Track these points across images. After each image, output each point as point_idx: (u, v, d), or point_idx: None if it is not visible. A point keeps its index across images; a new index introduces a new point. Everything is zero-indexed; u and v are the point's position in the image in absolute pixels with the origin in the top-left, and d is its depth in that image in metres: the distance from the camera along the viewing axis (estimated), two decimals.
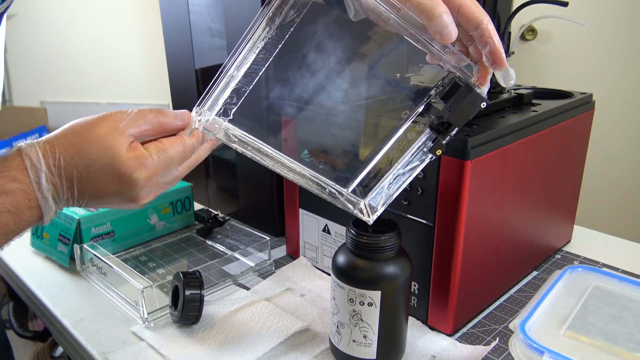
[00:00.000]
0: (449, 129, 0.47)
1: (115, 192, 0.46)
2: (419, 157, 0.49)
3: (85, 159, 0.44)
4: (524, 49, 2.06)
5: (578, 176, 0.79)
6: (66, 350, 0.66)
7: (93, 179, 0.45)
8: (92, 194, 0.46)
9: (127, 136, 0.46)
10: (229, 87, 0.48)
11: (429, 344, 0.58)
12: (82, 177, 0.44)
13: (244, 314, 0.63)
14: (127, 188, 0.46)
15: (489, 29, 0.44)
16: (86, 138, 0.45)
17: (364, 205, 0.49)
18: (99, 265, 0.72)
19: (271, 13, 0.47)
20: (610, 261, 0.77)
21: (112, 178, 0.45)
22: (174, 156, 0.48)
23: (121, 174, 0.45)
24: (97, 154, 0.44)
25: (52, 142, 0.44)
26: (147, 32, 2.30)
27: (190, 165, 0.51)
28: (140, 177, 0.45)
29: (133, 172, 0.45)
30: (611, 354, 0.54)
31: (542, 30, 2.01)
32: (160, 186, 0.48)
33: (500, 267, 0.65)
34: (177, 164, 0.48)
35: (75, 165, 0.44)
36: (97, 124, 0.45)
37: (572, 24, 0.78)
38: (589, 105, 0.74)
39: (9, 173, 0.43)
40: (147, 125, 0.47)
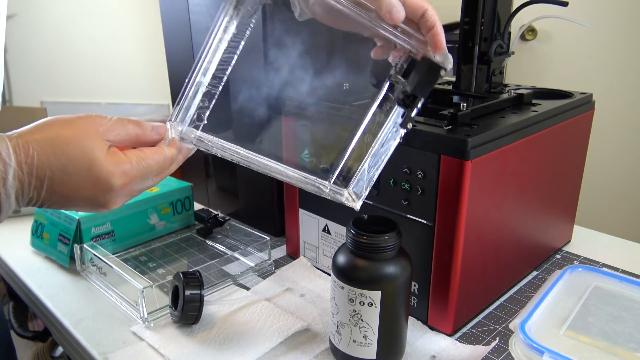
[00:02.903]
0: (415, 101, 0.49)
1: (88, 196, 0.45)
2: (392, 134, 0.51)
3: (62, 159, 0.43)
4: (524, 49, 2.06)
5: (578, 176, 0.79)
6: (66, 350, 0.66)
7: (67, 181, 0.43)
8: (62, 196, 0.44)
9: (106, 141, 0.45)
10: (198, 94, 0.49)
11: (429, 344, 0.58)
12: (55, 178, 0.43)
13: (244, 314, 0.63)
14: (101, 193, 0.45)
15: (433, 15, 0.50)
16: (64, 138, 0.43)
17: (348, 194, 0.50)
18: (99, 265, 0.72)
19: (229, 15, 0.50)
20: (610, 261, 0.77)
21: (88, 181, 0.44)
22: (153, 166, 0.47)
23: (99, 179, 0.44)
24: (75, 155, 0.43)
25: (26, 138, 0.42)
26: (147, 32, 2.30)
27: (164, 176, 0.50)
28: (118, 183, 0.45)
29: (111, 178, 0.44)
30: (611, 354, 0.54)
31: (542, 30, 2.01)
32: (133, 194, 0.48)
33: (500, 267, 0.65)
34: (154, 175, 0.48)
35: (50, 164, 0.42)
36: (76, 125, 0.44)
37: (572, 24, 0.78)
38: (589, 105, 0.74)
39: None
40: (125, 135, 0.46)
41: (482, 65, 0.71)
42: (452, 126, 0.57)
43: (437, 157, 0.54)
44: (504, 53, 0.72)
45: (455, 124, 0.57)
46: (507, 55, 0.73)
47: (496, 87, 0.73)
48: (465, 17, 0.70)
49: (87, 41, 2.38)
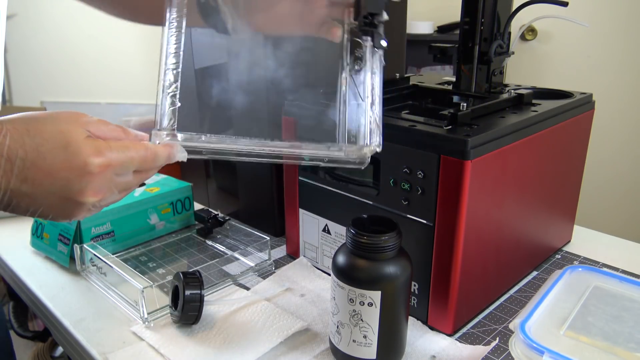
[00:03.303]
0: (374, 19, 0.52)
1: (62, 181, 0.41)
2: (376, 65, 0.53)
3: (36, 139, 0.40)
4: (524, 49, 2.06)
5: (578, 176, 0.79)
6: (66, 350, 0.66)
7: (41, 162, 0.40)
8: (34, 182, 0.40)
9: (86, 129, 0.43)
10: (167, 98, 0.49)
11: (429, 344, 0.58)
12: (28, 159, 0.39)
13: (244, 314, 0.63)
14: (77, 176, 0.41)
15: None
16: (42, 119, 0.41)
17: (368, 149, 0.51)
18: (99, 265, 0.72)
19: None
20: (610, 261, 0.77)
21: (63, 162, 0.40)
22: (134, 157, 0.44)
23: (75, 158, 0.41)
24: (51, 134, 0.40)
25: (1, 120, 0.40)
26: (147, 32, 2.30)
27: (144, 178, 0.47)
28: (94, 163, 0.41)
29: (88, 157, 0.41)
30: (611, 354, 0.54)
31: (542, 30, 2.01)
32: (112, 186, 0.44)
33: (500, 267, 0.65)
34: (135, 167, 0.45)
35: (24, 143, 0.39)
36: (56, 113, 0.43)
37: (572, 24, 0.78)
38: (589, 105, 0.74)
39: None
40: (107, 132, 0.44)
41: (482, 65, 0.71)
42: (452, 126, 0.57)
43: (437, 157, 0.54)
44: (504, 53, 0.72)
45: (455, 124, 0.57)
46: (507, 55, 0.73)
47: (496, 87, 0.73)
48: (465, 17, 0.70)
49: (87, 41, 2.38)
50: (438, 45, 0.75)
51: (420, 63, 2.32)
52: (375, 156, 0.60)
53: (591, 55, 1.92)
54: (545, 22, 1.91)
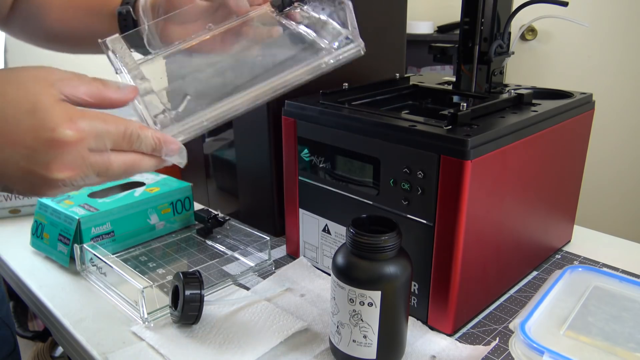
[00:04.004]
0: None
1: (26, 150, 0.36)
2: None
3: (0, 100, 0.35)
4: (524, 49, 2.06)
5: (578, 176, 0.79)
6: (66, 350, 0.66)
7: (2, 127, 0.35)
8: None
9: (58, 91, 0.38)
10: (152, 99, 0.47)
11: (429, 344, 0.58)
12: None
13: (244, 314, 0.63)
14: (44, 147, 0.36)
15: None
16: (6, 78, 0.36)
17: (344, 30, 0.52)
18: (99, 265, 0.72)
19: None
20: (610, 261, 0.77)
21: (29, 129, 0.35)
22: (111, 130, 0.39)
23: (42, 126, 0.36)
24: (17, 96, 0.36)
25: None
26: None
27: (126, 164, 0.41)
28: (65, 134, 0.36)
29: (58, 126, 0.36)
30: (611, 354, 0.54)
31: (542, 30, 2.01)
32: (85, 163, 0.38)
33: (500, 267, 0.65)
34: (110, 145, 0.39)
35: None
36: (24, 69, 0.38)
37: (572, 24, 0.78)
38: (589, 105, 0.74)
39: None
40: (84, 88, 0.39)
41: (482, 65, 0.71)
42: (452, 126, 0.57)
43: (437, 157, 0.54)
44: (504, 53, 0.72)
45: (455, 124, 0.57)
46: (507, 55, 0.73)
47: (496, 87, 0.73)
48: (465, 17, 0.70)
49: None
50: (438, 45, 0.75)
51: (420, 63, 2.32)
52: (375, 156, 0.60)
53: (591, 56, 1.92)
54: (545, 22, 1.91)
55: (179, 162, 0.44)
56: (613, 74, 1.90)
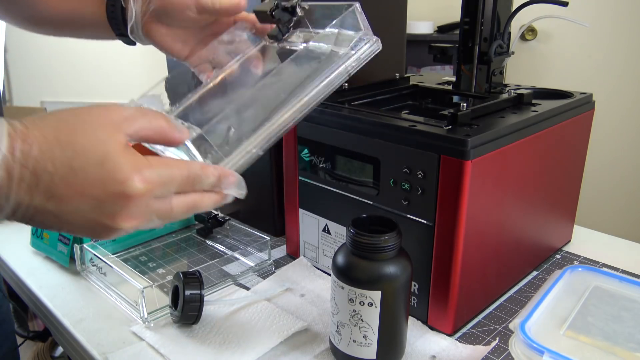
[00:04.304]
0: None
1: (94, 203, 0.36)
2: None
3: (67, 151, 0.34)
4: (524, 49, 2.06)
5: (578, 176, 0.79)
6: (66, 350, 0.66)
7: (71, 178, 0.34)
8: (61, 199, 0.35)
9: (124, 134, 0.37)
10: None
11: (429, 344, 0.58)
12: (58, 174, 0.34)
13: (244, 314, 0.63)
14: (112, 199, 0.36)
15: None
16: (73, 126, 0.35)
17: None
18: (99, 265, 0.72)
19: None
20: (610, 261, 0.77)
21: (98, 180, 0.35)
22: (176, 177, 0.38)
23: (111, 178, 0.35)
24: (85, 146, 0.35)
25: (27, 124, 0.34)
26: None
27: (188, 205, 0.41)
28: (134, 188, 0.36)
29: (128, 180, 0.35)
30: (611, 354, 0.54)
31: (542, 30, 2.01)
32: (148, 213, 0.38)
33: (500, 267, 0.65)
34: (175, 190, 0.39)
35: (53, 156, 0.34)
36: (89, 112, 0.37)
37: (572, 24, 0.78)
38: (589, 105, 0.74)
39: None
40: (147, 126, 0.39)
41: (482, 65, 0.71)
42: (452, 126, 0.57)
43: (437, 157, 0.54)
44: (504, 53, 0.72)
45: (455, 124, 0.57)
46: (507, 55, 0.73)
47: (496, 87, 0.73)
48: (465, 17, 0.70)
49: (86, 41, 2.39)
50: (438, 45, 0.75)
51: (420, 63, 2.32)
52: (375, 156, 0.60)
53: (591, 55, 1.92)
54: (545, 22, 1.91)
55: (240, 193, 0.44)
56: (613, 74, 1.90)
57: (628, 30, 1.85)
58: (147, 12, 0.60)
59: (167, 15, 0.60)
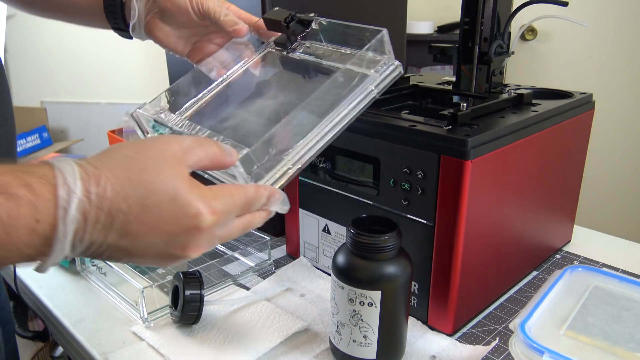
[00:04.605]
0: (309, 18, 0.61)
1: (166, 236, 0.36)
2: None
3: (140, 189, 0.35)
4: (524, 49, 2.06)
5: (578, 176, 0.79)
6: (66, 350, 0.66)
7: (145, 216, 0.35)
8: (135, 236, 0.35)
9: (186, 167, 0.38)
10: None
11: (429, 344, 0.58)
12: (132, 212, 0.35)
13: (244, 314, 0.63)
14: (183, 232, 0.37)
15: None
16: (141, 163, 0.36)
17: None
18: (99, 265, 0.72)
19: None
20: (610, 261, 0.77)
21: (169, 216, 0.36)
22: (237, 204, 0.40)
23: (184, 214, 0.36)
24: (155, 184, 0.35)
25: (96, 164, 0.35)
26: None
27: (244, 226, 0.42)
28: (206, 221, 0.37)
29: (199, 214, 0.36)
30: (611, 354, 0.54)
31: (542, 30, 2.01)
32: (213, 240, 0.39)
33: (500, 267, 0.65)
34: (236, 215, 0.41)
35: (127, 195, 0.34)
36: (151, 147, 0.38)
37: (572, 24, 0.78)
38: (589, 105, 0.74)
39: (24, 177, 0.32)
40: (204, 156, 0.40)
41: (482, 65, 0.71)
42: (452, 126, 0.57)
43: (437, 157, 0.54)
44: (504, 53, 0.72)
45: (455, 124, 0.57)
46: (507, 55, 0.73)
47: (496, 87, 0.73)
48: (465, 17, 0.70)
49: (87, 41, 2.39)
50: (438, 45, 0.75)
51: (420, 63, 2.32)
52: (375, 156, 0.60)
53: (591, 56, 1.92)
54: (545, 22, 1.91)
55: (284, 209, 0.45)
56: (613, 74, 1.90)
57: (628, 30, 1.85)
58: (150, 11, 0.60)
59: (171, 16, 0.60)
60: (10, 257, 0.32)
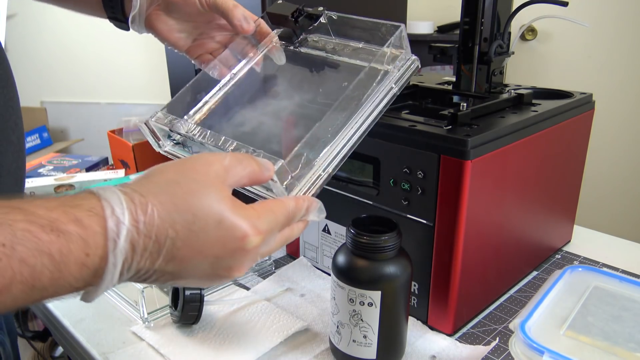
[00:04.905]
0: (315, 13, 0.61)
1: (212, 258, 0.36)
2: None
3: (186, 215, 0.35)
4: (524, 49, 2.06)
5: (578, 176, 0.79)
6: (66, 350, 0.66)
7: (193, 241, 0.35)
8: (182, 260, 0.35)
9: (228, 187, 0.38)
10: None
11: (429, 344, 0.58)
12: (179, 238, 0.35)
13: (244, 314, 0.63)
14: (230, 254, 0.37)
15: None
16: (185, 187, 0.36)
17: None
18: None
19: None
20: (610, 261, 0.77)
21: (216, 239, 0.36)
22: (280, 221, 0.40)
23: (231, 236, 0.36)
24: (201, 208, 0.35)
25: (141, 191, 0.35)
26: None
27: (283, 239, 0.42)
28: (251, 243, 0.37)
29: (246, 236, 0.37)
30: (611, 354, 0.54)
31: (542, 30, 2.01)
32: (257, 258, 0.39)
33: (500, 267, 0.65)
34: (278, 231, 0.41)
35: (173, 221, 0.34)
36: (193, 169, 0.37)
37: (572, 24, 0.78)
38: (589, 105, 0.74)
39: (73, 211, 0.32)
40: (244, 174, 0.40)
41: (482, 65, 0.71)
42: (452, 126, 0.57)
43: (437, 157, 0.54)
44: (504, 53, 0.72)
45: (455, 124, 0.57)
46: (507, 55, 0.73)
47: (496, 87, 0.73)
48: (465, 17, 0.70)
49: (87, 41, 2.39)
50: (438, 45, 0.75)
51: (420, 63, 2.32)
52: (375, 156, 0.60)
53: (591, 56, 1.92)
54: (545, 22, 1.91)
55: (320, 217, 0.45)
56: (613, 74, 1.90)
57: (628, 30, 1.85)
58: (153, 3, 0.60)
59: (176, 7, 0.59)
60: (60, 292, 0.32)
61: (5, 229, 0.29)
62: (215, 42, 0.64)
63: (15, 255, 0.29)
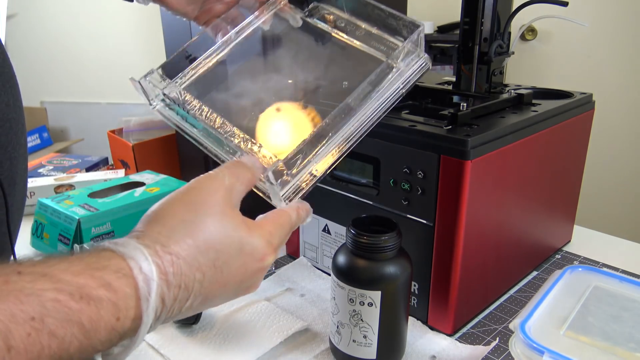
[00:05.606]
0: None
1: (235, 285, 0.37)
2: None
3: (210, 254, 0.35)
4: (524, 49, 2.06)
5: (578, 176, 0.79)
6: None
7: (218, 276, 0.35)
8: (207, 296, 0.35)
9: (235, 207, 0.38)
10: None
11: (429, 344, 0.58)
12: (206, 279, 0.34)
13: (244, 314, 0.63)
14: (250, 276, 0.38)
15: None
16: (203, 225, 0.35)
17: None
18: None
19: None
20: (610, 261, 0.77)
21: (240, 268, 0.37)
22: (287, 232, 0.42)
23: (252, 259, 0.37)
24: (221, 242, 0.35)
25: (160, 241, 0.34)
26: (147, 32, 2.30)
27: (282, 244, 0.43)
28: (270, 260, 0.38)
29: (265, 256, 0.38)
30: (611, 354, 0.54)
31: (542, 30, 2.01)
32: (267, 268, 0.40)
33: (500, 267, 0.65)
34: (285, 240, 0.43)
35: (199, 264, 0.34)
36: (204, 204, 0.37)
37: (572, 24, 0.78)
38: (589, 105, 0.74)
39: (101, 275, 0.30)
40: (244, 189, 0.41)
41: (482, 65, 0.71)
42: (452, 126, 0.57)
43: (437, 157, 0.54)
44: (504, 53, 0.72)
45: (455, 124, 0.57)
46: (507, 55, 0.73)
47: (496, 87, 0.73)
48: (465, 17, 0.70)
49: (87, 41, 2.39)
50: (438, 45, 0.75)
51: None
52: (375, 156, 0.60)
53: (591, 56, 1.92)
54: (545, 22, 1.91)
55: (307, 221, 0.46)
56: (613, 74, 1.90)
57: (628, 30, 1.85)
58: None
59: None
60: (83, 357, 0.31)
61: (34, 300, 0.27)
62: (222, 3, 0.61)
63: (44, 329, 0.27)
